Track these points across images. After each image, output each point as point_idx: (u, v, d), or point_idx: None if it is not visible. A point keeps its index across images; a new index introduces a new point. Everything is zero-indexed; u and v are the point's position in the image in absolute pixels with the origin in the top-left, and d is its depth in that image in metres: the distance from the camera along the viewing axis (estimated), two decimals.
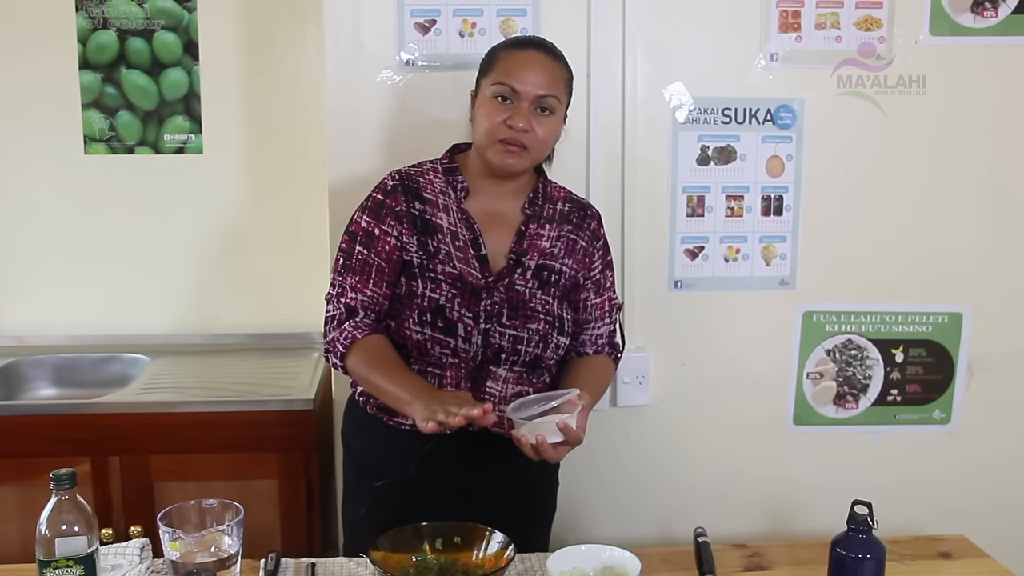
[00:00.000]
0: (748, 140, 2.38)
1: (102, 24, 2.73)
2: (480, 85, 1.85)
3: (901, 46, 2.35)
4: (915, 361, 2.51)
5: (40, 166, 2.79)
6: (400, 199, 1.85)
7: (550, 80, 1.79)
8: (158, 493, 2.34)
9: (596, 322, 1.96)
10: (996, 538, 1.96)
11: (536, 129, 1.78)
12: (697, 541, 1.77)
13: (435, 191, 1.87)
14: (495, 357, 1.81)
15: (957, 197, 2.44)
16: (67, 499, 1.44)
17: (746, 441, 2.51)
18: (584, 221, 1.95)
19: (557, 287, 1.87)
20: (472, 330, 1.79)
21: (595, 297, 1.95)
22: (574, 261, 1.90)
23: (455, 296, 1.80)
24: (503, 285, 1.83)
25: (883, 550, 1.53)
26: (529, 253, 1.86)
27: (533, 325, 1.82)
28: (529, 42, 1.86)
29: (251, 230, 2.84)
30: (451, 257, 1.82)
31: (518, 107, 1.77)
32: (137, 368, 2.73)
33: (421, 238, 1.83)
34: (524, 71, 1.78)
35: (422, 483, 1.81)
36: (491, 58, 1.85)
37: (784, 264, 2.43)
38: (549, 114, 1.80)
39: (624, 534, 2.24)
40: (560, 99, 1.82)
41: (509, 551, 1.59)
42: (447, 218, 1.85)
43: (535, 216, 1.90)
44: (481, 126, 1.81)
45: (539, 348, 1.83)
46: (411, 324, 1.80)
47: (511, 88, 1.77)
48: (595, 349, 1.97)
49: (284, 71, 2.79)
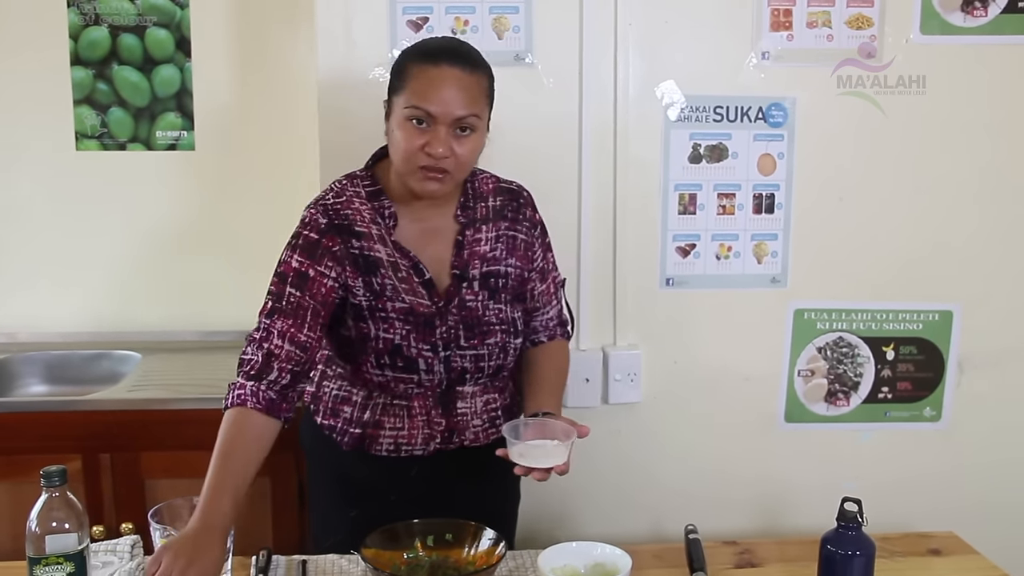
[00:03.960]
0: (740, 138, 2.38)
1: (94, 20, 2.73)
2: (392, 102, 1.70)
3: (892, 45, 2.35)
4: (906, 359, 2.52)
5: (31, 162, 2.79)
6: (336, 240, 1.73)
7: (468, 98, 1.65)
8: (149, 490, 2.34)
9: (545, 307, 1.95)
10: (986, 535, 1.96)
11: (457, 152, 1.66)
12: (688, 538, 1.78)
13: (366, 222, 1.75)
14: (459, 378, 1.79)
15: (948, 195, 2.45)
16: (57, 496, 1.44)
17: (737, 438, 2.52)
18: (519, 212, 1.88)
19: (506, 291, 1.83)
20: (432, 360, 1.75)
21: (541, 284, 1.93)
22: (517, 259, 1.85)
23: (409, 332, 1.73)
24: (454, 307, 1.77)
25: (872, 547, 1.53)
26: (471, 263, 1.80)
27: (491, 339, 1.80)
28: (441, 53, 1.68)
29: (242, 227, 2.84)
30: (398, 292, 1.74)
31: (435, 132, 1.64)
32: (128, 365, 2.72)
33: (366, 278, 1.73)
34: (439, 92, 1.63)
35: (404, 505, 1.73)
36: (401, 72, 1.69)
37: (775, 262, 2.44)
38: (470, 132, 1.67)
39: (615, 531, 2.25)
40: (481, 115, 1.69)
41: (500, 548, 1.59)
42: (384, 249, 1.75)
43: (469, 221, 1.82)
44: (397, 150, 1.68)
45: (500, 359, 1.82)
46: (369, 368, 1.75)
47: (426, 112, 1.63)
48: (548, 335, 1.96)
49: (276, 68, 2.79)
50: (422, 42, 1.78)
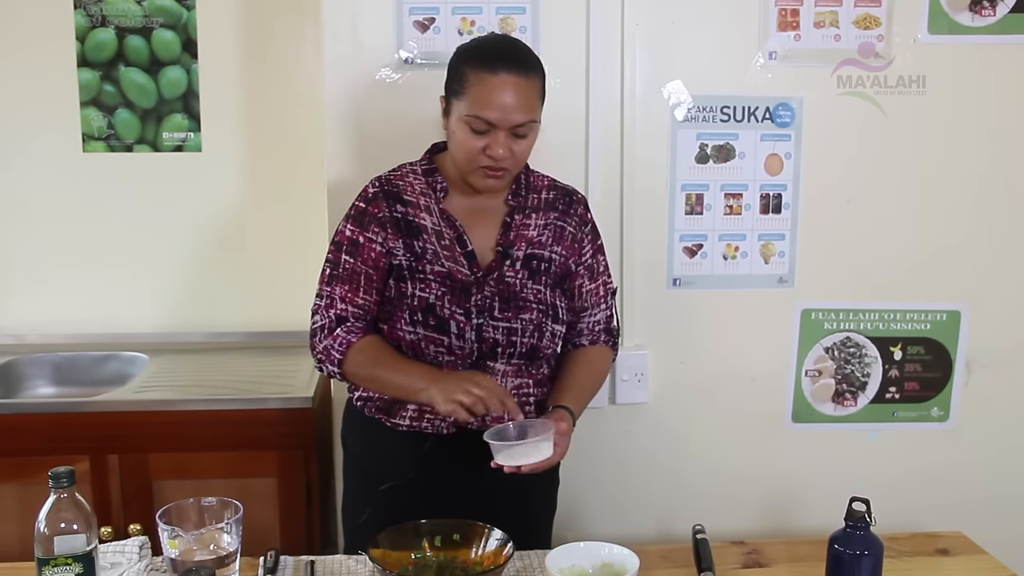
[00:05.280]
0: (747, 138, 2.38)
1: (100, 22, 2.73)
2: (451, 103, 1.77)
3: (900, 44, 2.35)
4: (913, 359, 2.51)
5: (39, 164, 2.79)
6: (382, 205, 1.83)
7: (526, 104, 1.72)
8: (157, 491, 2.34)
9: (593, 308, 1.96)
10: (994, 535, 1.95)
11: (515, 151, 1.75)
12: (696, 538, 1.77)
13: (415, 193, 1.85)
14: (491, 352, 1.81)
15: (955, 195, 2.44)
16: (66, 497, 1.44)
17: (745, 439, 2.52)
18: (570, 207, 1.93)
19: (548, 275, 1.87)
20: (464, 326, 1.79)
21: (589, 283, 1.95)
22: (563, 248, 1.89)
23: (445, 294, 1.79)
24: (492, 279, 1.82)
25: (881, 547, 1.53)
26: (516, 244, 1.85)
27: (526, 315, 1.82)
28: (499, 59, 1.73)
29: (250, 228, 2.85)
30: (438, 256, 1.81)
31: (495, 136, 1.72)
32: (136, 366, 2.73)
33: (407, 240, 1.82)
34: (499, 100, 1.70)
35: (424, 485, 1.81)
36: (459, 76, 1.75)
37: (783, 262, 2.44)
38: (527, 133, 1.76)
39: (623, 532, 2.25)
40: (536, 118, 1.76)
41: (508, 548, 1.59)
42: (430, 218, 1.84)
43: (520, 207, 1.88)
44: (459, 150, 1.77)
45: (534, 338, 1.83)
46: (403, 325, 1.79)
47: (486, 121, 1.71)
48: (591, 339, 1.97)
49: (283, 69, 2.79)
50: (478, 43, 1.83)
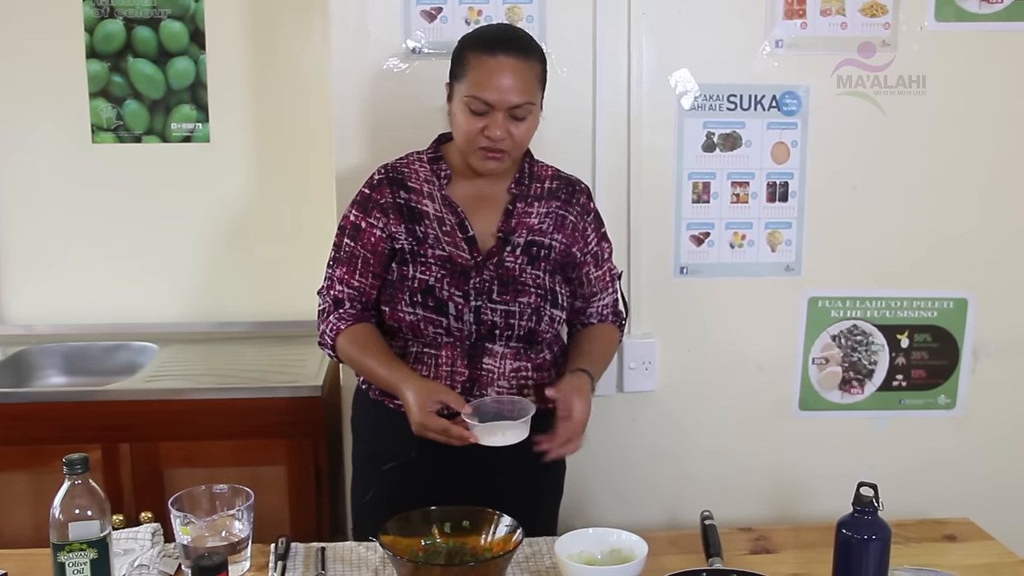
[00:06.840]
0: (753, 126, 2.38)
1: (109, 13, 2.74)
2: (453, 87, 1.83)
3: (906, 32, 2.35)
4: (920, 346, 2.51)
5: (48, 155, 2.80)
6: (385, 191, 1.89)
7: (523, 86, 1.77)
8: (168, 480, 2.36)
9: (600, 293, 2.00)
10: (1001, 522, 1.96)
11: (514, 133, 1.79)
12: (704, 524, 1.79)
13: (419, 180, 1.90)
14: (489, 334, 1.84)
15: (963, 183, 2.44)
16: (80, 484, 1.46)
17: (752, 426, 2.52)
18: (573, 196, 1.96)
19: (547, 262, 1.89)
20: (463, 308, 1.82)
21: (596, 270, 1.98)
22: (563, 236, 1.92)
23: (444, 276, 1.83)
24: (492, 263, 1.85)
25: (888, 531, 1.53)
26: (517, 231, 1.88)
27: (524, 299, 1.84)
28: (499, 43, 1.79)
29: (258, 218, 2.86)
30: (440, 241, 1.86)
31: (493, 118, 1.77)
32: (146, 356, 2.74)
33: (409, 225, 1.86)
34: (496, 81, 1.75)
35: (429, 465, 1.82)
36: (461, 60, 1.81)
37: (789, 250, 2.44)
38: (525, 116, 1.80)
39: (631, 519, 2.25)
40: (535, 101, 1.81)
41: (517, 535, 1.60)
42: (432, 205, 1.88)
43: (522, 195, 1.91)
44: (459, 131, 1.82)
45: (532, 321, 1.85)
46: (403, 306, 1.83)
47: (484, 101, 1.76)
48: (600, 319, 2.02)
49: (290, 59, 2.80)
50: (480, 30, 1.89)
